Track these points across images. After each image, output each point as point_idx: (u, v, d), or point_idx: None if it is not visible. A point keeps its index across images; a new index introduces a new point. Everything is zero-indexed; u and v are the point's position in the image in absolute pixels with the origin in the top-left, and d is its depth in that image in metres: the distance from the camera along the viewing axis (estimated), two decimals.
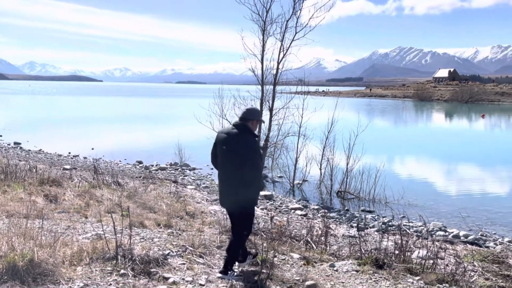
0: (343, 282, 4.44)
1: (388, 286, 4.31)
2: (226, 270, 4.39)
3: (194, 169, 15.96)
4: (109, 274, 4.06)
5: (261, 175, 4.64)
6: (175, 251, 4.88)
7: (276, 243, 5.71)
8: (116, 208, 6.65)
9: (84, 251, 4.41)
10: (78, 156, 17.63)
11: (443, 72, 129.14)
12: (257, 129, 4.67)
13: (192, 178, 14.15)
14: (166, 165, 16.36)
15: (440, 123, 42.86)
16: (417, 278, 4.57)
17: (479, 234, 9.28)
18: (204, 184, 13.00)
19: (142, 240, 5.25)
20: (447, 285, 4.51)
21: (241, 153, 4.34)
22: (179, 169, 15.64)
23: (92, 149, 19.02)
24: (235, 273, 4.37)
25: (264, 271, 4.35)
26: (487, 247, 8.29)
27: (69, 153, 18.08)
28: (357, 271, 4.72)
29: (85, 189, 8.10)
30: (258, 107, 15.01)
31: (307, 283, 4.25)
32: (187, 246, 5.04)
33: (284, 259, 5.21)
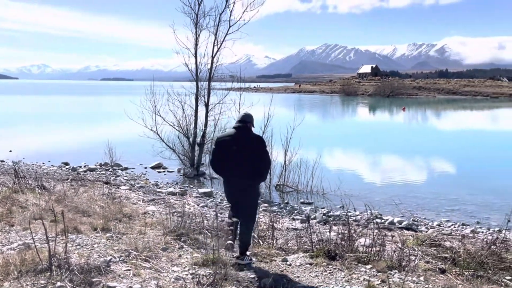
0: (298, 277, 4.34)
1: (343, 277, 4.28)
2: (242, 255, 4.82)
3: (126, 168, 15.20)
4: None
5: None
6: (118, 257, 4.47)
7: (223, 238, 5.48)
8: (44, 214, 6.02)
9: (10, 264, 3.88)
10: None
11: (366, 68, 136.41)
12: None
13: (125, 178, 13.44)
14: (96, 165, 15.41)
15: (367, 117, 45.11)
16: (368, 266, 4.61)
17: (411, 219, 9.75)
18: (138, 183, 12.38)
19: (78, 247, 4.76)
20: (396, 271, 4.59)
21: (253, 149, 4.80)
22: (110, 169, 14.80)
23: (10, 151, 17.40)
24: (249, 257, 4.82)
25: (218, 271, 4.12)
26: (421, 231, 8.73)
27: None
28: (310, 264, 4.66)
29: (5, 195, 7.27)
30: (194, 103, 14.66)
31: (263, 280, 4.09)
32: (130, 250, 4.65)
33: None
